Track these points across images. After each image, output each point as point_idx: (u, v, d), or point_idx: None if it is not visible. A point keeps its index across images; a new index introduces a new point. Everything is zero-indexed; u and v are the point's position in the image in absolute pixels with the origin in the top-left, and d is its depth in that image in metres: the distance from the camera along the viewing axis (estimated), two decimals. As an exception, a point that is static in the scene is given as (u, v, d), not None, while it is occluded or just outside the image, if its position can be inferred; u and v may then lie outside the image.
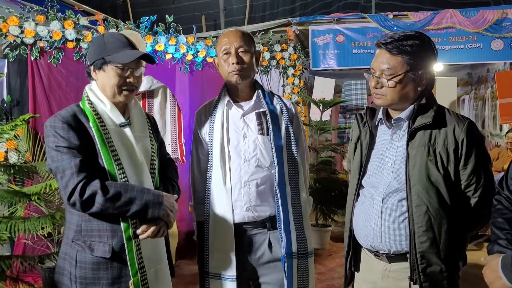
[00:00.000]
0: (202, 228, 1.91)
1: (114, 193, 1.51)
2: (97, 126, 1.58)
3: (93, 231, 1.58)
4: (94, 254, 1.56)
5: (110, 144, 1.58)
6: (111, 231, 1.57)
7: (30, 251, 3.55)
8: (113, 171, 1.57)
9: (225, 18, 8.80)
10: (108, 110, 1.64)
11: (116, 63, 1.60)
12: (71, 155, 1.52)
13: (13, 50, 3.64)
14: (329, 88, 6.14)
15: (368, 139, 1.71)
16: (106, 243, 1.56)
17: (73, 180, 1.49)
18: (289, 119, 1.92)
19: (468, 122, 1.57)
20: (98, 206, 1.50)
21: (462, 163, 1.55)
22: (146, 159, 1.68)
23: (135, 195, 1.54)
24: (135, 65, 1.64)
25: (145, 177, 1.64)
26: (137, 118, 1.73)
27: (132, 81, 1.64)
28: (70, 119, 1.57)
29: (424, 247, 1.53)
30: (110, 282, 1.57)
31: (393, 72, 1.56)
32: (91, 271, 1.56)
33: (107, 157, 1.56)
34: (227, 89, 1.96)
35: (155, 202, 1.57)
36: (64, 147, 1.53)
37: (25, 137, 3.57)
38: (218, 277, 1.87)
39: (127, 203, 1.53)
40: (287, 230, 1.83)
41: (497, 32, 5.47)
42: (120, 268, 1.58)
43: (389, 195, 1.60)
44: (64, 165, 1.51)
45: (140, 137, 1.70)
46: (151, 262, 1.63)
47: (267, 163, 1.86)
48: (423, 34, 1.62)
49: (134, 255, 1.57)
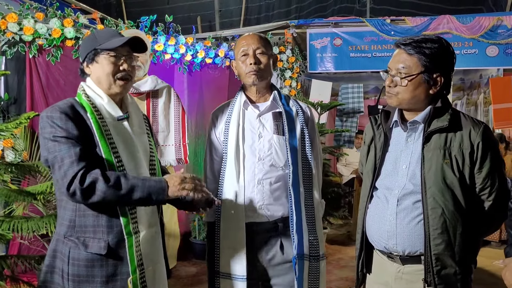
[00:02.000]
0: (212, 228, 1.90)
1: (115, 180, 1.47)
2: (95, 118, 1.56)
3: (87, 227, 1.54)
4: (89, 250, 1.52)
5: (108, 136, 1.56)
6: (107, 227, 1.53)
7: (26, 251, 3.49)
8: (112, 162, 1.54)
9: (220, 20, 8.80)
10: (106, 104, 1.62)
11: (107, 50, 1.59)
12: (70, 145, 1.49)
13: (11, 47, 3.59)
14: (326, 91, 6.15)
15: (383, 141, 1.72)
16: (102, 239, 1.52)
17: (72, 168, 1.46)
18: (304, 121, 1.94)
19: (483, 126, 1.58)
20: (100, 194, 1.46)
21: (477, 166, 1.56)
22: (145, 156, 1.67)
23: (136, 183, 1.50)
24: (127, 53, 1.64)
25: (144, 172, 1.62)
26: (135, 114, 1.72)
27: (126, 69, 1.62)
28: (68, 109, 1.55)
29: (439, 250, 1.54)
30: (105, 280, 1.53)
31: (407, 71, 1.58)
32: (85, 268, 1.52)
33: (106, 149, 1.54)
34: (244, 90, 1.98)
35: (158, 187, 1.51)
36: (62, 137, 1.50)
37: (22, 135, 3.52)
38: (229, 277, 1.86)
39: (129, 191, 1.48)
40: (299, 231, 1.83)
41: (492, 38, 5.55)
42: (116, 265, 1.54)
43: (404, 197, 1.61)
44: (63, 155, 1.48)
45: (139, 133, 1.69)
46: (149, 260, 1.60)
47: (282, 162, 1.87)
48: (443, 39, 1.63)
49: (133, 252, 1.54)
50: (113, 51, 1.60)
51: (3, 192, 2.27)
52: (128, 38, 1.61)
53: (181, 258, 4.33)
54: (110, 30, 1.68)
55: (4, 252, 3.39)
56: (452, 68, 1.63)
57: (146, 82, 2.97)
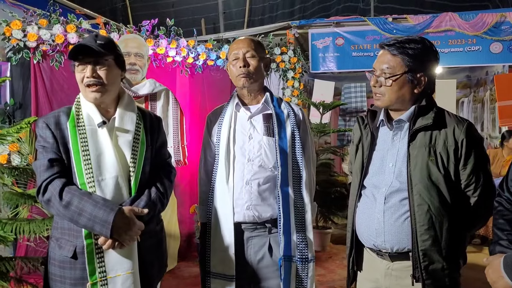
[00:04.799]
0: (204, 229, 1.94)
1: (67, 200, 1.51)
2: (73, 125, 1.60)
3: (64, 229, 1.60)
4: (61, 252, 1.58)
5: (84, 144, 1.59)
6: (76, 231, 1.57)
7: (32, 253, 3.56)
8: (80, 172, 1.57)
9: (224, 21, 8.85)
10: (90, 110, 1.65)
11: (73, 61, 1.62)
12: (44, 154, 1.58)
13: (16, 54, 3.67)
14: (329, 91, 6.16)
15: (370, 140, 1.74)
16: (72, 242, 1.58)
17: (40, 178, 1.55)
18: (296, 123, 1.97)
19: (467, 124, 1.61)
20: (55, 209, 1.54)
21: (462, 163, 1.58)
22: (122, 161, 1.63)
23: (85, 208, 1.50)
24: (94, 59, 1.60)
25: (115, 179, 1.60)
26: (122, 115, 1.70)
27: (89, 76, 1.60)
28: (50, 119, 1.62)
29: (426, 245, 1.56)
30: (73, 283, 1.57)
31: (391, 71, 1.61)
32: (59, 268, 1.59)
33: (77, 156, 1.57)
34: (237, 93, 2.03)
35: (103, 220, 1.50)
36: (40, 146, 1.59)
37: (27, 139, 3.59)
38: (219, 277, 1.89)
39: (76, 214, 1.51)
40: (287, 232, 1.85)
41: (496, 35, 5.51)
42: (83, 269, 1.56)
43: (391, 195, 1.63)
44: (37, 164, 1.57)
45: (121, 135, 1.67)
46: (113, 268, 1.58)
47: (271, 163, 1.90)
48: (426, 39, 1.66)
49: (93, 257, 1.55)
50: (76, 60, 1.61)
51: (6, 195, 2.33)
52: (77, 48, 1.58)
53: (185, 258, 4.37)
54: (87, 37, 1.66)
55: (11, 254, 3.46)
56: (435, 68, 1.66)
57: (144, 85, 3.02)
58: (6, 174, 2.44)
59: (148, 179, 1.71)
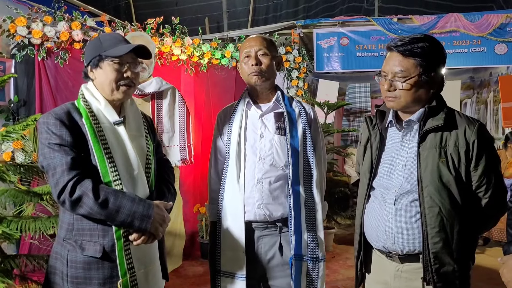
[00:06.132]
0: (214, 227, 1.93)
1: (103, 198, 1.48)
2: (90, 123, 1.57)
3: (84, 230, 1.56)
4: (85, 253, 1.54)
5: (103, 141, 1.57)
6: (102, 230, 1.56)
7: (36, 251, 3.55)
8: (105, 169, 1.54)
9: (228, 20, 8.83)
10: (103, 108, 1.63)
11: (112, 57, 1.60)
12: (63, 153, 1.50)
13: (20, 51, 3.67)
14: (333, 91, 6.15)
15: (378, 141, 1.72)
16: (97, 242, 1.55)
17: (63, 178, 1.47)
18: (307, 122, 1.96)
19: (478, 124, 1.59)
20: (87, 209, 1.48)
21: (473, 164, 1.56)
22: (141, 159, 1.66)
23: (124, 204, 1.50)
24: (132, 60, 1.64)
25: (139, 176, 1.63)
26: (132, 117, 1.72)
27: (130, 76, 1.63)
28: (63, 116, 1.56)
29: (437, 248, 1.54)
30: (102, 282, 1.56)
31: (406, 74, 1.58)
32: (83, 270, 1.55)
33: (100, 155, 1.54)
34: (248, 91, 2.01)
35: (144, 214, 1.52)
36: (56, 144, 1.51)
37: (31, 137, 3.58)
38: (229, 276, 1.88)
39: (114, 211, 1.50)
40: (297, 231, 1.84)
41: (501, 36, 5.50)
42: (112, 268, 1.56)
43: (401, 197, 1.62)
44: (56, 163, 1.50)
45: (135, 136, 1.69)
46: (141, 263, 1.61)
47: (282, 162, 1.89)
48: (432, 36, 1.64)
49: (123, 255, 1.55)
50: (118, 58, 1.61)
51: (11, 193, 2.31)
52: (133, 46, 1.61)
53: (188, 257, 4.37)
54: (116, 35, 1.68)
55: (14, 252, 3.45)
56: (444, 65, 1.63)
57: (150, 83, 3.01)
58: (12, 172, 2.43)
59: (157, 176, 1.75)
